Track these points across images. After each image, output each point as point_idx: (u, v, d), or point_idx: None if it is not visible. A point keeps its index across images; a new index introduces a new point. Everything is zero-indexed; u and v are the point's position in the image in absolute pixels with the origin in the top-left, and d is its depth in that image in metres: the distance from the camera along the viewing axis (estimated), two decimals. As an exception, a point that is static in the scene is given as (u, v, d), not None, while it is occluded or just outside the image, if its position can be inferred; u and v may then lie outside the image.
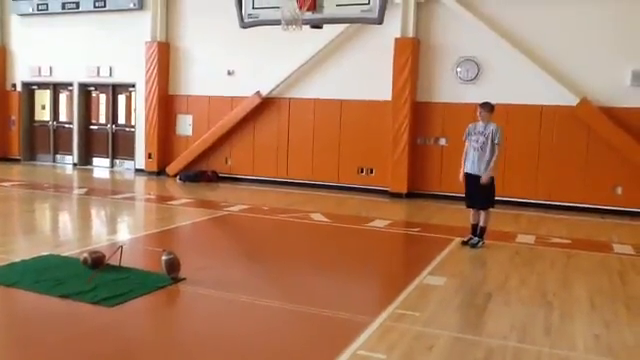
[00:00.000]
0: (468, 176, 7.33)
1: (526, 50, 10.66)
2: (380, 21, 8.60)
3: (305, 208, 9.97)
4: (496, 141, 7.13)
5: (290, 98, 12.70)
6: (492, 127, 7.20)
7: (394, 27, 11.28)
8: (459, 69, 11.28)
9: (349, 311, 4.76)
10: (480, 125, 7.27)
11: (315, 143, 12.51)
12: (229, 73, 13.22)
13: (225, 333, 4.33)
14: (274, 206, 10.17)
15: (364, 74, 11.90)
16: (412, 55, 11.35)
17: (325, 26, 9.68)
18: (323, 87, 12.32)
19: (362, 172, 12.17)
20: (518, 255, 7.12)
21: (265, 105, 12.84)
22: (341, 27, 11.44)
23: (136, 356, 3.90)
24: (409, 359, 3.87)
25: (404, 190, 11.58)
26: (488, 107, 7.28)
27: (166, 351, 3.95)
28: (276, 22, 8.99)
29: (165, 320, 4.78)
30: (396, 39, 11.43)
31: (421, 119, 11.61)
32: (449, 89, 11.38)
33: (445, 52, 11.38)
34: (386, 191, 11.76)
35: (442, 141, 11.51)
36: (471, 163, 7.27)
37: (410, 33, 11.44)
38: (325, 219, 9.07)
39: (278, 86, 12.63)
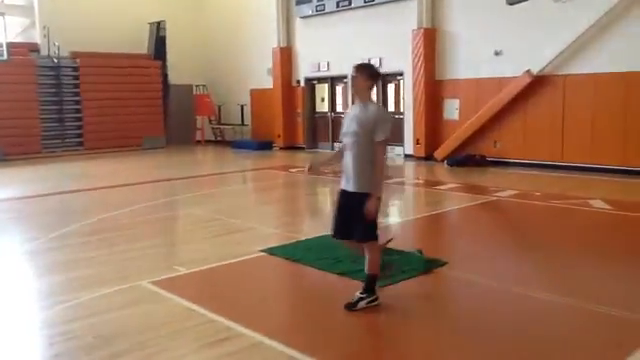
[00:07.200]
0: None
1: None
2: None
3: (583, 194, 9.13)
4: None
5: (565, 75, 11.71)
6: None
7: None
8: None
9: (640, 312, 4.22)
10: None
11: (595, 122, 11.33)
12: (496, 53, 12.75)
13: (496, 323, 4.21)
14: (547, 191, 9.51)
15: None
16: None
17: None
18: (604, 60, 11.06)
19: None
20: None
21: (536, 84, 12.07)
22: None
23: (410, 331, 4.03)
24: None
25: None
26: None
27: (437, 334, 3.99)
28: (548, -6, 8.37)
29: (433, 304, 4.82)
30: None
31: None
32: None
33: None
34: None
35: None
36: None
37: None
38: (607, 206, 8.18)
39: (551, 63, 11.75)
